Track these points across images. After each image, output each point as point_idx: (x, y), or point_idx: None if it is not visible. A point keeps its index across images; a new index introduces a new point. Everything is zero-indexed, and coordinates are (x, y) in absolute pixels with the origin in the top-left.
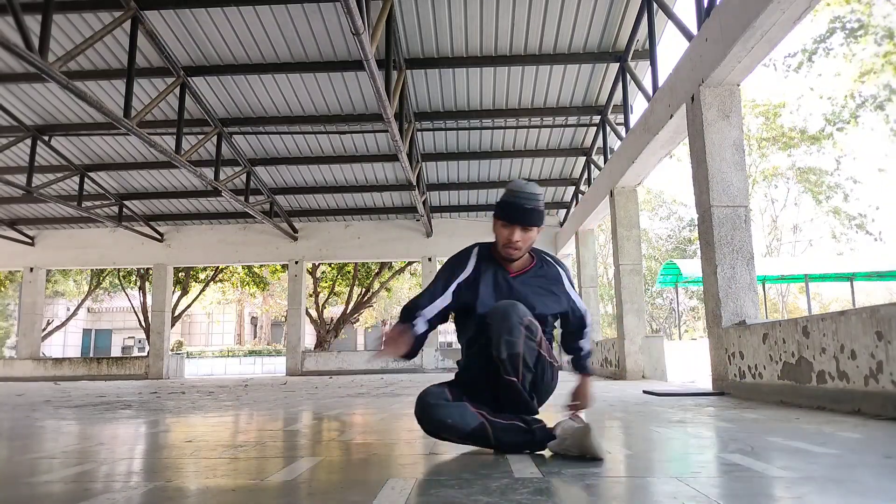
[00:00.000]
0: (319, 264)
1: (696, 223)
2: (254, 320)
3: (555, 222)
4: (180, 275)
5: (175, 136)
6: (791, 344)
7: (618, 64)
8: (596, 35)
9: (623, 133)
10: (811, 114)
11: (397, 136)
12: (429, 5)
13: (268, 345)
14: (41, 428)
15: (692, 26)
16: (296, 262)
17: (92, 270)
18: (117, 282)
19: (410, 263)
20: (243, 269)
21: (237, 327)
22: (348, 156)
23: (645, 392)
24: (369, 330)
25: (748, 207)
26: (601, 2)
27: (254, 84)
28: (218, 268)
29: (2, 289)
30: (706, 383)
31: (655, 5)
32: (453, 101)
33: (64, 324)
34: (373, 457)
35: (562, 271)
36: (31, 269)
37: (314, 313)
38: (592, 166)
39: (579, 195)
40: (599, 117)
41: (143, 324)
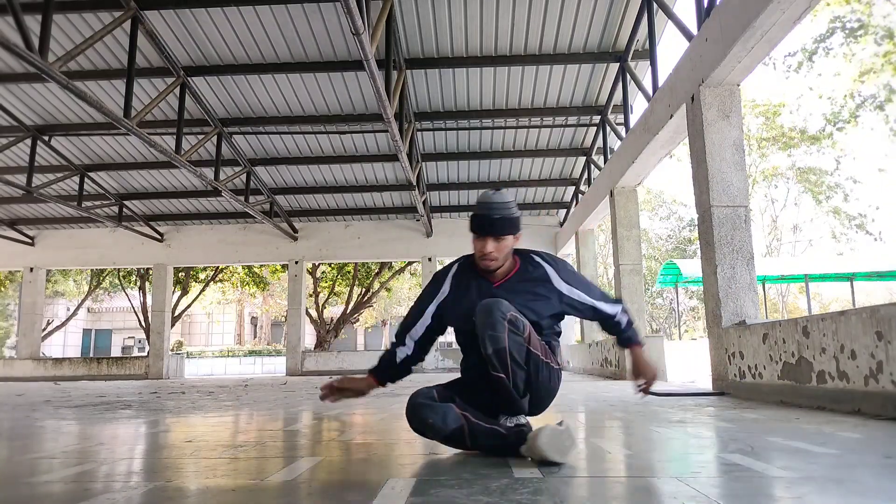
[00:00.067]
0: (319, 264)
1: (696, 223)
2: (254, 320)
3: (555, 222)
4: (180, 275)
5: (175, 136)
6: (791, 344)
7: (618, 64)
8: (596, 35)
9: (623, 133)
10: (811, 114)
11: (397, 136)
12: (429, 5)
13: (268, 345)
14: (41, 428)
15: (692, 26)
16: (296, 262)
17: (92, 270)
18: (117, 282)
19: (410, 263)
20: (243, 269)
21: (237, 327)
22: (348, 156)
23: None
24: (369, 330)
25: (748, 207)
26: (601, 2)
27: (254, 84)
28: (218, 268)
29: (2, 289)
30: (706, 383)
31: (655, 5)
32: (453, 101)
33: (64, 324)
34: (373, 457)
35: (550, 269)
36: (31, 269)
37: (314, 313)
38: (592, 166)
39: (579, 195)
40: (599, 117)
41: (143, 324)
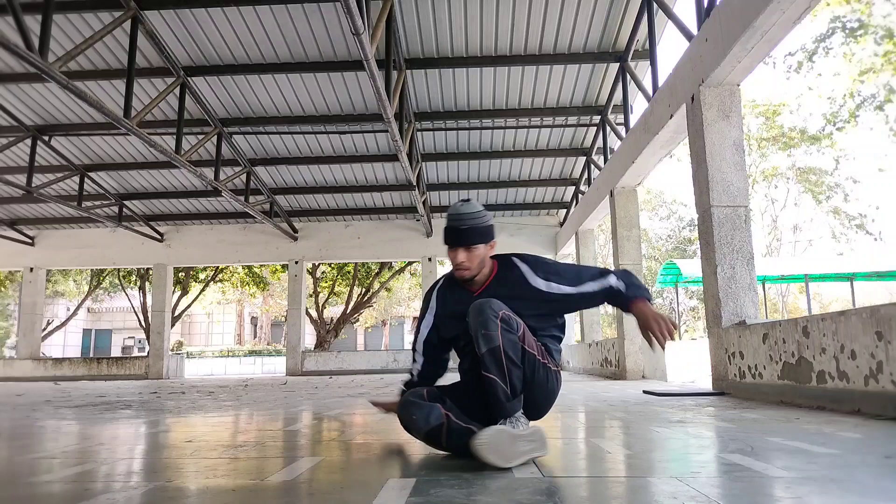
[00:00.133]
0: (319, 264)
1: (696, 223)
2: (254, 320)
3: (555, 222)
4: (180, 275)
5: (175, 136)
6: (791, 344)
7: (618, 64)
8: (596, 35)
9: (623, 133)
10: (811, 114)
11: (397, 136)
12: (429, 5)
13: (268, 345)
14: (41, 428)
15: (692, 26)
16: (296, 262)
17: (92, 270)
18: (117, 282)
19: (410, 263)
20: (243, 269)
21: (237, 327)
22: (348, 156)
23: (645, 392)
24: (369, 330)
25: (748, 207)
26: (601, 2)
27: (254, 84)
28: (218, 268)
29: (2, 289)
30: (706, 383)
31: (655, 5)
32: (453, 101)
33: (64, 324)
34: (373, 457)
35: (525, 268)
36: (31, 269)
37: (314, 313)
38: (592, 166)
39: (579, 195)
40: (599, 117)
41: (143, 324)
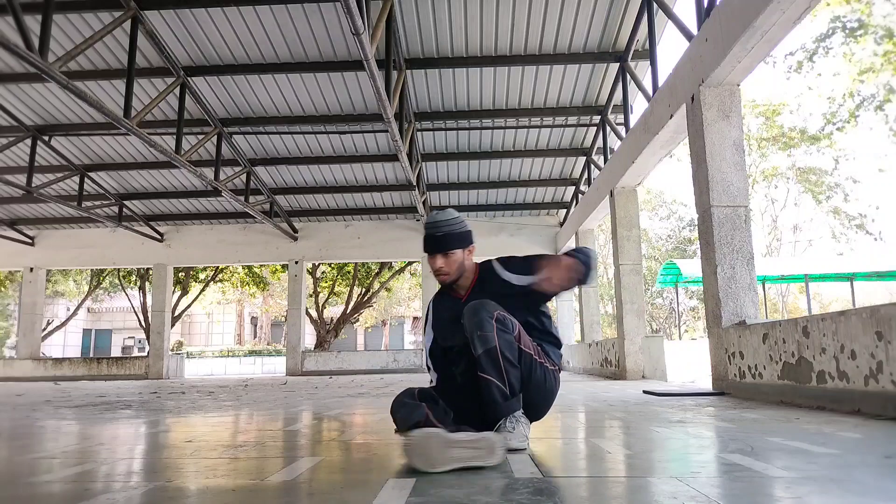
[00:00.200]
0: (319, 264)
1: (696, 223)
2: (254, 320)
3: (555, 222)
4: (180, 275)
5: (175, 136)
6: (791, 344)
7: (618, 64)
8: (596, 35)
9: (623, 133)
10: (811, 114)
11: (397, 136)
12: (429, 5)
13: (268, 345)
14: (41, 428)
15: (692, 26)
16: (296, 262)
17: (92, 270)
18: (117, 282)
19: (410, 263)
20: (243, 269)
21: (237, 327)
22: (348, 156)
23: (645, 392)
24: (369, 330)
25: (748, 207)
26: (601, 2)
27: (254, 84)
28: (218, 268)
29: (2, 289)
30: (706, 383)
31: (655, 5)
32: (453, 101)
33: (64, 324)
34: (373, 457)
35: (498, 266)
36: (31, 269)
37: (314, 313)
38: (592, 166)
39: (579, 195)
40: (599, 117)
41: (143, 324)
